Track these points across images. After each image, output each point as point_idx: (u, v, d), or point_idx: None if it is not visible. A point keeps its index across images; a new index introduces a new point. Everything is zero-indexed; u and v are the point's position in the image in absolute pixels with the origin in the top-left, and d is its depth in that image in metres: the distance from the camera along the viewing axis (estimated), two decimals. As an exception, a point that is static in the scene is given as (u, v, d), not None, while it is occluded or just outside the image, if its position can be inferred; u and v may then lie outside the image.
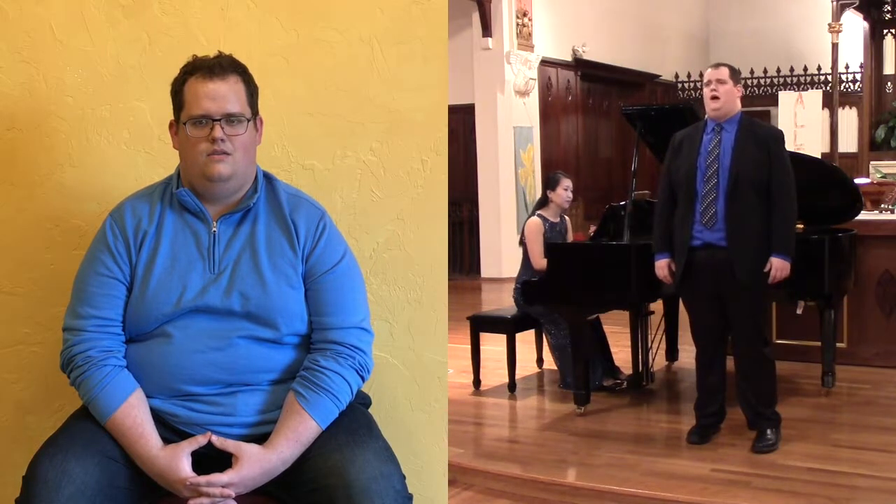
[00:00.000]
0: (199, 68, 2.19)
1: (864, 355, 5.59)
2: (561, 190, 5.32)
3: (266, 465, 2.10)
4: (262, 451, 2.11)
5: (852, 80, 13.50)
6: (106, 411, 2.12)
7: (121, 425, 2.11)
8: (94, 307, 2.20)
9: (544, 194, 5.42)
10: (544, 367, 5.86)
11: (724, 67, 4.10)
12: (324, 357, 2.21)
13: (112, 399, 2.13)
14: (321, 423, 2.15)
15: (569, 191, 5.35)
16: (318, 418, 2.15)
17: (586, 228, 8.26)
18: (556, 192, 5.32)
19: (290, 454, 2.12)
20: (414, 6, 2.61)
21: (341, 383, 2.20)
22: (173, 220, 2.25)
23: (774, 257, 3.97)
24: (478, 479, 4.00)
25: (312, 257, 2.25)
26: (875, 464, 3.90)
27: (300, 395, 2.16)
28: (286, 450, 2.12)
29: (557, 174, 5.47)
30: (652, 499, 3.64)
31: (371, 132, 2.62)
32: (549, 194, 5.35)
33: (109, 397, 2.13)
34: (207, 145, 2.16)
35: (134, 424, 2.12)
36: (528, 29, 11.07)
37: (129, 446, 2.11)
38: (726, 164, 3.98)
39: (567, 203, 5.38)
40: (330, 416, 2.17)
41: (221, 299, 2.18)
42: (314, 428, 2.15)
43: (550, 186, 5.37)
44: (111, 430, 2.12)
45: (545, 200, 5.39)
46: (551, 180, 5.40)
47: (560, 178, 5.37)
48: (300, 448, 2.13)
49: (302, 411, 2.14)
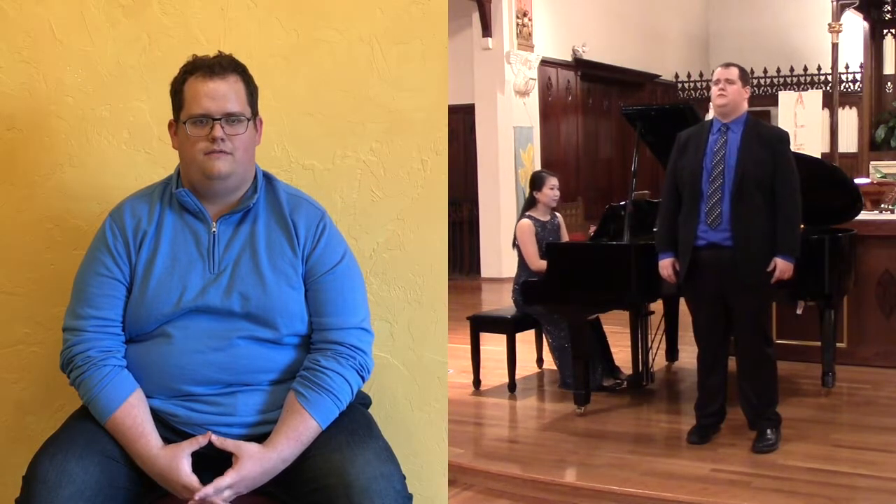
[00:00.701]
0: (199, 67, 2.19)
1: (864, 355, 5.59)
2: (547, 189, 5.28)
3: (266, 465, 2.10)
4: (263, 450, 2.11)
5: (852, 80, 13.50)
6: (106, 411, 2.12)
7: (121, 425, 2.11)
8: (94, 307, 2.20)
9: (531, 195, 5.37)
10: (544, 367, 5.85)
11: (734, 67, 4.09)
12: (324, 357, 2.21)
13: (112, 399, 2.13)
14: (322, 422, 2.15)
15: (555, 189, 5.31)
16: (319, 418, 2.15)
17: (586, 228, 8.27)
18: (542, 191, 5.29)
19: (290, 453, 2.12)
20: (414, 6, 2.60)
21: (342, 383, 2.20)
22: (173, 220, 2.24)
23: (779, 258, 3.97)
24: (478, 479, 4.00)
25: (312, 258, 2.25)
26: (875, 464, 3.90)
27: (301, 395, 2.16)
28: (286, 449, 2.12)
29: (542, 173, 5.43)
30: (652, 499, 3.64)
31: (371, 132, 2.62)
32: (536, 194, 5.31)
33: (109, 397, 2.13)
34: (207, 144, 2.16)
35: (134, 424, 2.11)
36: (528, 29, 11.07)
37: (129, 446, 2.11)
38: (732, 164, 3.98)
39: (554, 202, 5.34)
40: (330, 415, 2.17)
41: (221, 300, 2.18)
42: (314, 427, 2.14)
43: (536, 187, 5.32)
44: (111, 429, 2.12)
45: (532, 201, 5.34)
46: (537, 180, 5.34)
47: (546, 177, 5.33)
48: (300, 447, 2.13)
49: (302, 411, 2.14)
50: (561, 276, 4.79)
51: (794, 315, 5.21)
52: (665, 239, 4.19)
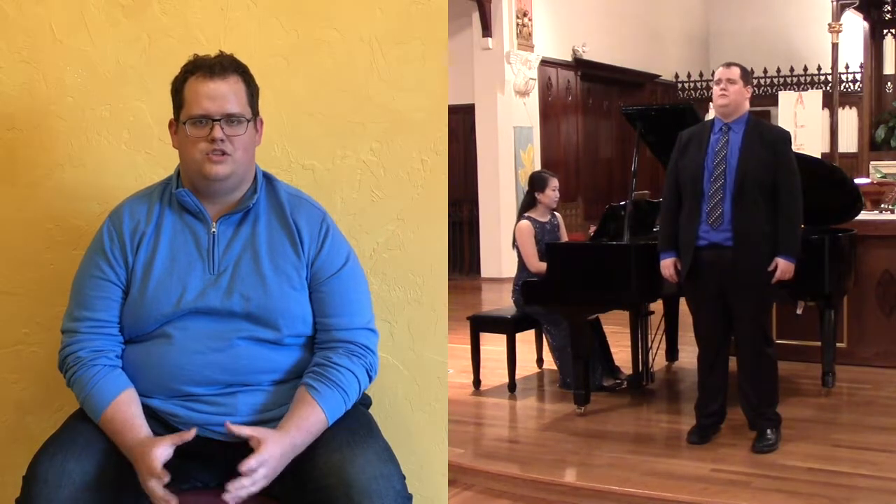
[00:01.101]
0: (199, 67, 2.18)
1: (864, 355, 5.58)
2: (550, 191, 5.27)
3: (284, 448, 2.08)
4: (278, 433, 2.09)
5: (852, 80, 13.49)
6: (98, 409, 2.12)
7: (111, 421, 2.11)
8: (89, 309, 2.20)
9: (531, 195, 5.33)
10: (544, 367, 5.85)
11: (736, 67, 4.08)
12: (336, 354, 2.21)
13: (102, 397, 2.13)
14: (329, 416, 2.15)
15: (557, 191, 5.31)
16: (328, 411, 2.14)
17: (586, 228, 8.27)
18: (545, 192, 5.27)
19: (301, 441, 2.11)
20: (414, 6, 2.60)
21: (352, 380, 2.20)
22: (172, 220, 2.24)
23: (780, 258, 3.97)
24: (478, 479, 4.00)
25: (318, 261, 2.25)
26: (875, 464, 3.90)
27: (312, 388, 2.16)
28: (298, 436, 2.10)
29: (544, 174, 5.41)
30: (652, 499, 3.64)
31: (371, 132, 2.62)
32: (538, 195, 5.29)
33: (99, 395, 2.13)
34: (207, 145, 2.16)
35: (124, 419, 2.11)
36: (528, 29, 11.07)
37: (118, 439, 2.10)
38: (734, 164, 3.97)
39: (555, 203, 5.34)
40: (338, 410, 2.17)
41: (222, 300, 2.18)
42: (323, 420, 2.14)
43: (538, 187, 5.29)
44: (104, 427, 2.12)
45: (532, 201, 5.31)
46: (539, 181, 5.31)
47: (548, 178, 5.32)
48: (310, 438, 2.12)
49: (313, 402, 2.14)
50: (561, 276, 4.78)
51: (794, 315, 5.21)
52: (667, 238, 4.19)
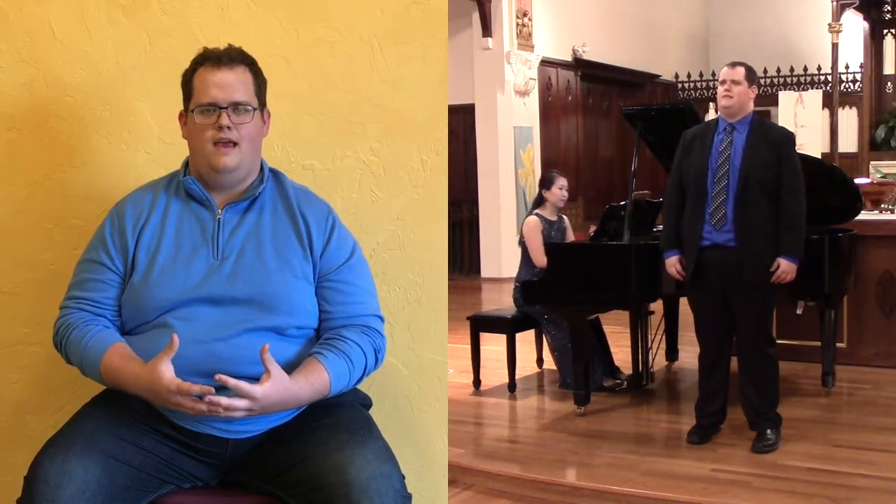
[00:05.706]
0: (208, 58, 2.23)
1: (864, 355, 5.58)
2: (556, 189, 5.33)
3: (286, 394, 2.09)
4: (285, 380, 2.10)
5: (852, 80, 13.48)
6: (95, 360, 2.14)
7: (109, 366, 2.13)
8: (82, 289, 2.24)
9: (540, 194, 5.44)
10: (544, 367, 5.85)
11: (741, 68, 4.06)
12: (347, 329, 2.24)
13: (97, 349, 2.15)
14: (333, 379, 2.16)
15: (564, 189, 5.37)
16: (332, 374, 2.16)
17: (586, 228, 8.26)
18: (551, 191, 5.34)
19: (305, 396, 2.14)
20: (414, 6, 2.61)
21: (358, 353, 2.22)
22: (178, 208, 2.27)
23: (782, 258, 3.97)
24: (478, 479, 4.00)
25: (327, 252, 2.28)
26: (875, 464, 3.90)
27: (319, 354, 2.18)
28: (304, 388, 2.12)
29: (553, 173, 5.50)
30: (652, 499, 3.64)
31: (371, 132, 2.62)
32: (545, 193, 5.37)
33: (95, 349, 2.15)
34: (214, 133, 2.19)
35: (121, 360, 2.13)
36: (528, 29, 11.06)
37: (120, 381, 2.12)
38: (737, 165, 3.97)
39: (562, 202, 5.40)
40: (342, 380, 2.18)
41: (224, 287, 2.19)
42: (327, 382, 2.16)
43: (546, 186, 5.38)
44: (106, 377, 2.14)
45: (541, 199, 5.41)
46: (547, 179, 5.42)
47: (555, 177, 5.39)
48: (314, 395, 2.15)
49: (320, 365, 2.16)
50: (561, 276, 4.79)
51: (794, 315, 5.21)
52: (670, 237, 4.18)
